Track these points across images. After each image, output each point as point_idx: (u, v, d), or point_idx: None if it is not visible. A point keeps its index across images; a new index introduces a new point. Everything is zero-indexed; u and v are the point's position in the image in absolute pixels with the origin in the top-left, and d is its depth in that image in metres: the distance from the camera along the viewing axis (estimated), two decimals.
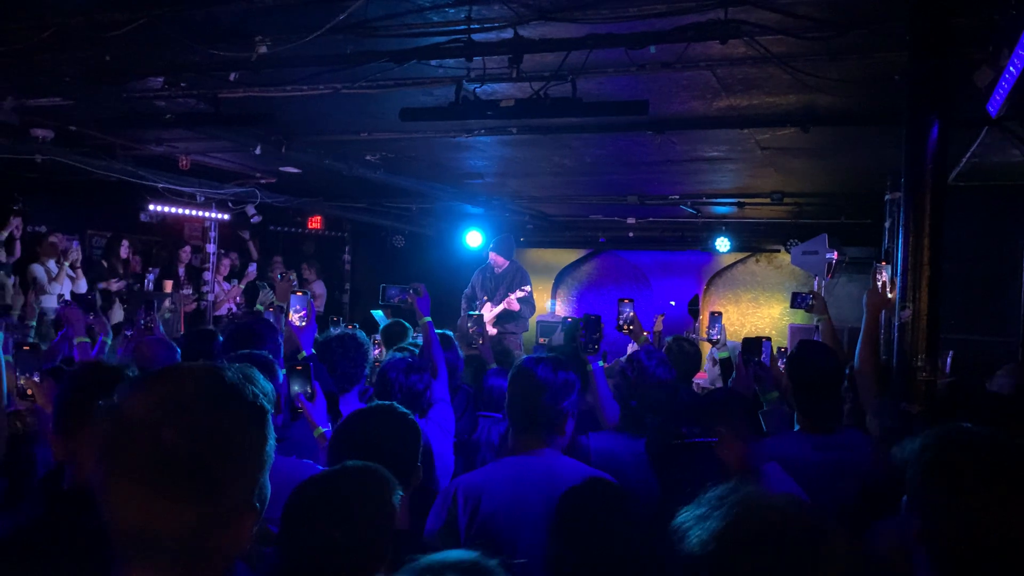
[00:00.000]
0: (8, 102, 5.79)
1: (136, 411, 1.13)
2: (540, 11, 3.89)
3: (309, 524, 1.74)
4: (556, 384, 2.67)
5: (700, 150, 7.07)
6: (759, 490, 1.24)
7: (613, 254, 13.50)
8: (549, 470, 2.58)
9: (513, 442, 2.74)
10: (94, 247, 10.76)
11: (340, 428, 2.31)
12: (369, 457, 2.04)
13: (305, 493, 1.81)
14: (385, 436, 2.25)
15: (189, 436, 1.12)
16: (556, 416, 2.68)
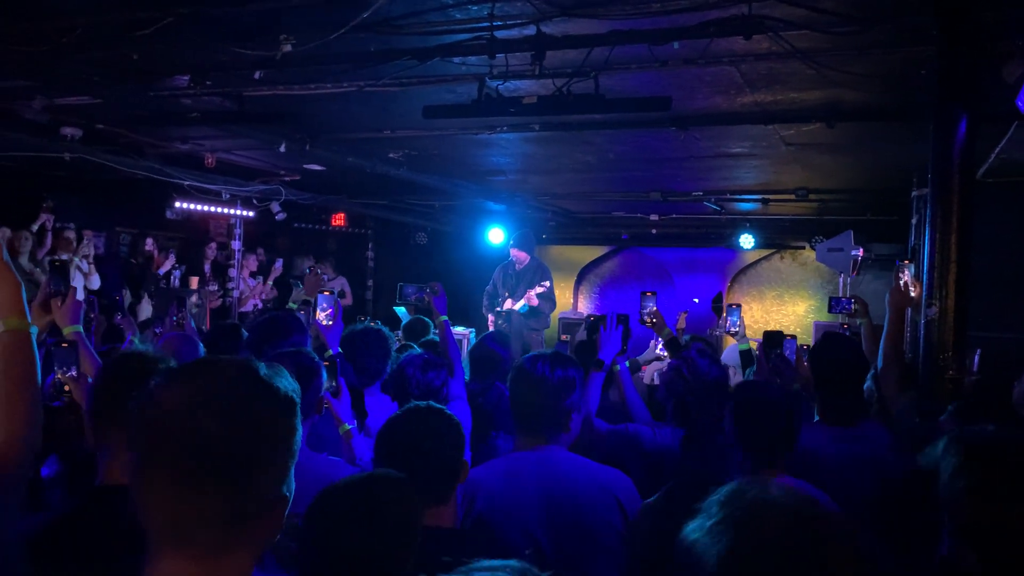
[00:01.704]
0: (38, 101, 5.88)
1: (170, 402, 1.16)
2: (563, 8, 3.89)
3: (329, 530, 1.75)
4: (555, 382, 2.64)
5: (724, 146, 7.03)
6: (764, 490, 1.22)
7: (636, 251, 13.45)
8: (547, 466, 2.57)
9: (516, 440, 2.74)
10: (122, 244, 10.90)
11: (385, 430, 2.31)
12: (417, 457, 2.06)
13: (328, 499, 1.82)
14: (431, 436, 2.24)
15: (222, 426, 1.14)
16: (557, 414, 2.66)
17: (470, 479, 2.56)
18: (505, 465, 2.63)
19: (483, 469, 2.65)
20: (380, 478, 1.90)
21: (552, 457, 2.61)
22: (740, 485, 1.24)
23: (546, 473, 2.55)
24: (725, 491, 1.23)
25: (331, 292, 3.84)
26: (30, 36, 4.44)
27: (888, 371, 3.21)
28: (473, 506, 2.50)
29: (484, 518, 2.49)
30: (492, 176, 9.26)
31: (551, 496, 2.51)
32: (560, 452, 2.65)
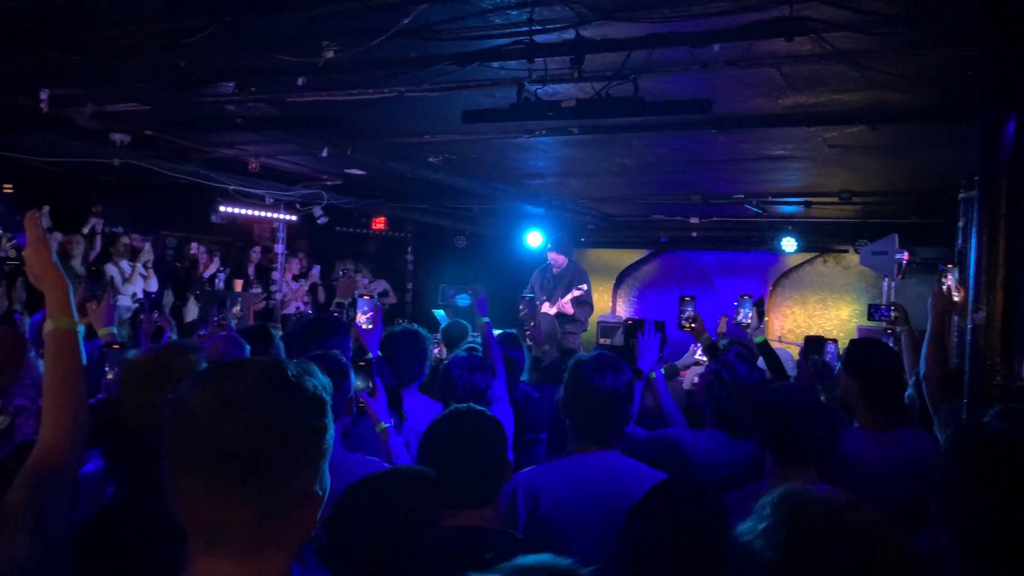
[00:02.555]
0: (88, 108, 6.04)
1: (199, 403, 1.18)
2: (602, 11, 3.89)
3: (349, 524, 1.77)
4: (622, 390, 2.69)
5: (765, 148, 6.96)
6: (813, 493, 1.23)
7: (675, 254, 13.36)
8: (608, 471, 2.58)
9: (572, 443, 2.74)
10: (167, 247, 11.13)
11: (428, 432, 2.34)
12: (460, 458, 2.08)
13: (350, 494, 1.85)
14: (473, 437, 2.26)
15: (251, 427, 1.15)
16: (619, 420, 2.69)
17: (531, 480, 2.58)
18: (569, 468, 2.63)
19: (542, 472, 2.65)
20: (400, 473, 1.92)
21: (612, 462, 2.63)
22: (789, 488, 1.25)
23: (608, 477, 2.57)
24: (776, 494, 1.24)
25: (371, 296, 3.89)
26: (82, 46, 4.56)
27: (930, 376, 3.16)
28: (537, 507, 2.51)
29: (549, 520, 2.50)
30: (530, 180, 9.28)
31: (614, 500, 2.51)
32: (618, 457, 2.68)
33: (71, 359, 1.84)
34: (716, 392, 3.33)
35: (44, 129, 6.44)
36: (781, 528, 1.17)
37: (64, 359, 1.83)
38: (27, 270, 1.91)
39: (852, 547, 1.14)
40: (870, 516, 1.18)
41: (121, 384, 2.05)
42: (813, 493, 1.22)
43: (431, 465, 2.15)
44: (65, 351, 1.84)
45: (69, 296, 1.88)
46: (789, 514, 1.18)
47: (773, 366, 4.10)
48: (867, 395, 3.18)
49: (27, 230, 1.90)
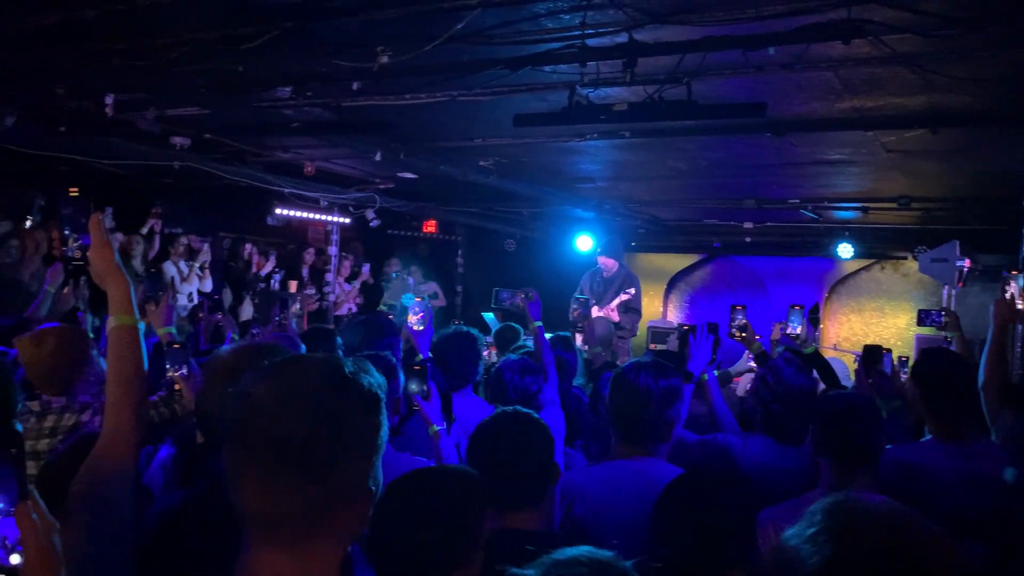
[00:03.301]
0: (150, 112, 6.21)
1: (259, 397, 1.21)
2: (655, 15, 3.87)
3: (391, 521, 1.78)
4: (659, 393, 2.65)
5: (821, 153, 6.84)
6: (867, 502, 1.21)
7: (728, 259, 13.20)
8: (646, 475, 2.56)
9: (615, 448, 2.73)
10: (224, 249, 11.38)
11: (476, 435, 2.35)
12: (508, 460, 2.10)
13: (392, 491, 1.87)
14: (521, 439, 2.27)
15: (308, 421, 1.18)
16: (660, 425, 2.66)
17: (567, 483, 2.58)
18: (604, 473, 2.63)
19: (580, 474, 2.66)
20: (445, 472, 1.93)
21: (651, 468, 2.60)
22: (841, 496, 1.23)
23: (645, 484, 2.53)
24: (828, 501, 1.23)
25: (422, 297, 3.93)
26: (145, 52, 4.70)
27: (989, 387, 3.08)
28: (571, 510, 2.51)
29: (581, 524, 2.50)
30: (581, 183, 9.26)
31: (649, 508, 2.50)
32: (659, 463, 2.65)
33: (132, 355, 1.90)
34: (763, 397, 3.29)
35: (108, 133, 6.65)
36: (830, 535, 1.15)
37: (125, 355, 1.90)
38: (91, 270, 1.97)
39: (900, 558, 1.12)
40: (922, 528, 1.16)
41: (206, 379, 2.11)
42: (866, 502, 1.21)
43: (478, 466, 2.16)
44: (126, 347, 1.90)
45: (131, 295, 1.95)
46: (839, 521, 1.16)
47: (827, 377, 4.03)
48: (928, 403, 3.12)
49: (91, 231, 1.96)
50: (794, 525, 1.22)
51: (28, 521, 1.19)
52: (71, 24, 4.21)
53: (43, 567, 1.20)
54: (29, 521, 1.19)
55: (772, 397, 3.24)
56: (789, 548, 1.18)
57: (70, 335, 3.13)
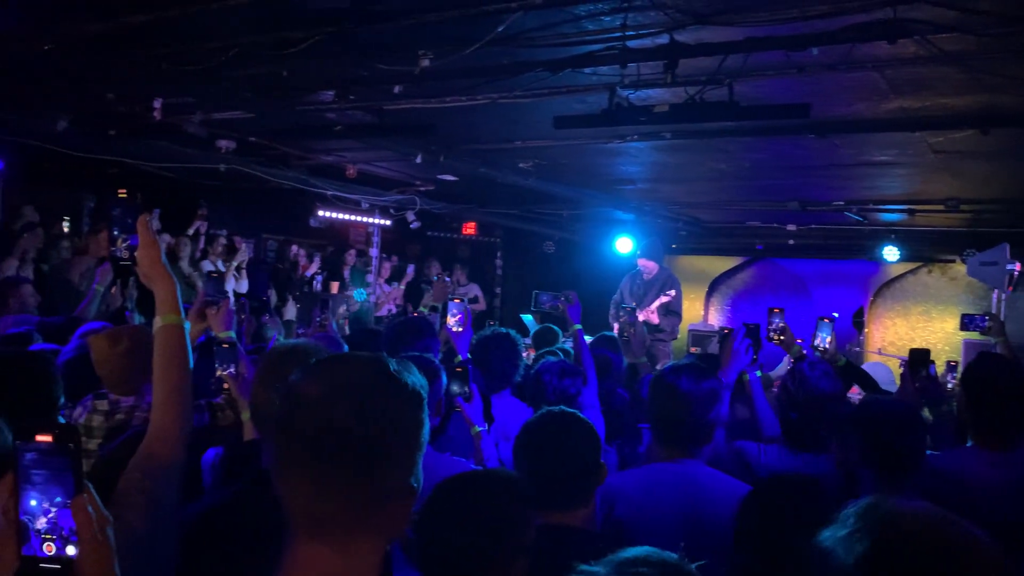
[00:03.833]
0: (197, 116, 6.33)
1: (307, 393, 1.24)
2: (696, 16, 3.85)
3: (437, 523, 1.79)
4: (700, 395, 2.62)
5: (867, 154, 6.74)
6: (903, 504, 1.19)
7: (771, 262, 13.04)
8: (688, 480, 2.54)
9: (656, 451, 2.72)
10: (268, 250, 11.55)
11: (522, 435, 2.35)
12: (554, 460, 2.10)
13: (438, 493, 1.88)
14: (567, 438, 2.27)
15: (355, 417, 1.20)
16: (701, 428, 2.64)
17: (609, 486, 2.55)
18: (645, 476, 2.61)
19: (621, 477, 2.65)
20: (488, 475, 1.94)
21: (692, 471, 2.58)
22: (877, 499, 1.21)
23: (686, 487, 2.53)
24: (863, 504, 1.21)
25: (461, 299, 3.95)
26: (192, 57, 4.79)
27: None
28: (612, 512, 2.50)
29: (624, 526, 2.49)
30: (621, 185, 9.23)
31: (690, 511, 2.49)
32: (700, 467, 2.63)
33: (179, 353, 1.95)
34: (782, 403, 3.26)
35: (156, 136, 6.79)
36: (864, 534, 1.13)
37: (172, 354, 1.94)
38: (138, 270, 2.02)
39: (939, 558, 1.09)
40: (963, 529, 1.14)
41: (256, 379, 2.15)
42: (903, 505, 1.18)
43: (525, 466, 2.17)
44: (173, 346, 1.94)
45: (177, 294, 1.99)
46: (874, 520, 1.15)
47: (866, 386, 3.97)
48: (974, 409, 3.05)
49: (139, 232, 2.00)
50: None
51: (84, 514, 1.22)
52: (122, 30, 4.31)
53: (97, 558, 1.23)
54: (85, 514, 1.22)
55: (791, 404, 3.21)
56: (822, 549, 1.17)
57: (144, 335, 3.17)
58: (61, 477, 1.22)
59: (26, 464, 1.21)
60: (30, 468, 1.21)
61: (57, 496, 1.22)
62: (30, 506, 1.21)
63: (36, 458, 1.21)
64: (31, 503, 1.21)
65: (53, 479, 1.21)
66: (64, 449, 1.21)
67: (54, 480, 1.21)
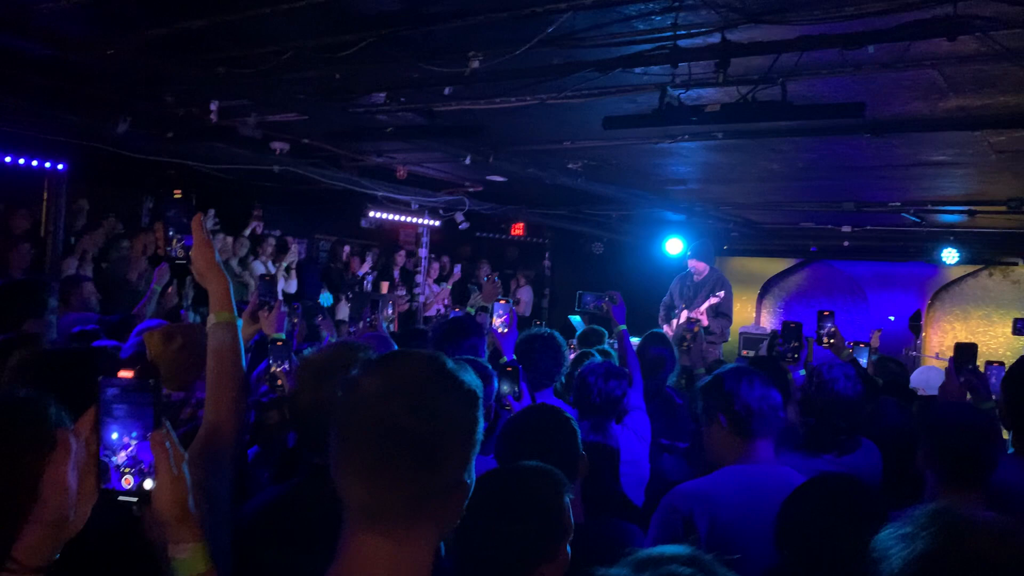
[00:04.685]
0: (252, 118, 6.45)
1: (367, 388, 1.27)
2: (749, 14, 3.80)
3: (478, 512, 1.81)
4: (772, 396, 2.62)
5: (924, 154, 6.58)
6: (969, 512, 1.16)
7: (825, 264, 12.81)
8: (781, 480, 2.51)
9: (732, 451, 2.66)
10: (320, 251, 11.72)
11: (505, 427, 2.44)
12: (535, 451, 2.12)
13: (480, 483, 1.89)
14: (545, 432, 2.36)
15: (413, 412, 1.23)
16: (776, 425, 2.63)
17: (703, 493, 2.52)
18: (742, 481, 2.56)
19: (714, 483, 2.59)
20: (529, 468, 1.95)
21: (787, 474, 2.56)
22: (942, 505, 1.19)
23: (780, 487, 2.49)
24: (927, 510, 1.19)
25: (507, 300, 3.96)
26: (249, 60, 4.89)
27: None
28: (716, 521, 2.45)
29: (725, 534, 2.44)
30: (671, 186, 9.16)
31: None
32: (787, 468, 2.63)
33: (232, 351, 1.99)
34: (802, 408, 3.22)
35: (212, 138, 6.94)
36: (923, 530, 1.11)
37: (225, 351, 1.98)
38: (193, 269, 2.06)
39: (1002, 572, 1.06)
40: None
41: (298, 379, 2.20)
42: (970, 514, 1.16)
43: (504, 459, 2.19)
44: (226, 343, 1.99)
45: (230, 292, 2.03)
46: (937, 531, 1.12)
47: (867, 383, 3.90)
48: (1015, 415, 2.96)
49: (193, 232, 2.05)
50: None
51: (162, 448, 1.28)
52: (180, 35, 4.42)
53: (173, 492, 1.29)
54: (163, 448, 1.28)
55: (808, 409, 3.16)
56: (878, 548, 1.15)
57: (197, 333, 3.25)
58: (141, 412, 1.27)
59: (108, 399, 1.27)
60: (112, 403, 1.27)
61: (136, 431, 1.27)
62: (111, 439, 1.28)
63: (117, 393, 1.27)
64: (112, 436, 1.27)
65: (133, 414, 1.27)
66: (144, 385, 1.27)
67: (134, 415, 1.27)
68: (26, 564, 1.24)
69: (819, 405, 3.17)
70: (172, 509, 1.30)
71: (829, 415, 3.14)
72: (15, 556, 1.24)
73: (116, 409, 1.28)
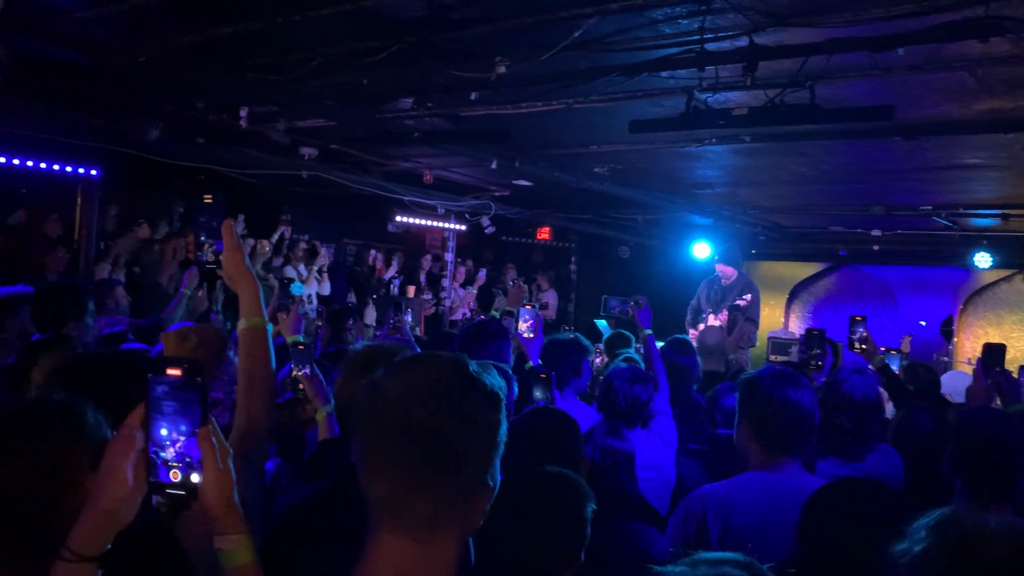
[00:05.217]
0: (281, 124, 6.52)
1: (390, 390, 1.28)
2: (776, 17, 3.78)
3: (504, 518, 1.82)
4: (808, 407, 2.55)
5: (956, 156, 6.50)
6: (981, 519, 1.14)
7: (855, 268, 12.67)
8: (799, 487, 2.47)
9: (757, 458, 2.63)
10: (348, 254, 11.80)
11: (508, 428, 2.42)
12: (536, 452, 2.13)
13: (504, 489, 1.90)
14: (547, 433, 2.38)
15: (437, 413, 1.25)
16: (805, 432, 2.57)
17: (720, 497, 2.51)
18: (760, 487, 2.52)
19: (728, 487, 2.57)
20: (550, 473, 1.95)
21: (804, 482, 2.50)
22: (954, 512, 1.17)
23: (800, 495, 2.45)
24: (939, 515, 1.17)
25: (533, 305, 3.96)
26: (277, 67, 4.95)
27: None
28: (729, 525, 2.44)
29: (739, 539, 2.42)
30: (698, 189, 9.12)
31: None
32: (805, 474, 2.58)
33: (262, 354, 2.01)
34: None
35: (242, 143, 7.02)
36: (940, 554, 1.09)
37: (256, 354, 2.00)
38: (223, 273, 2.09)
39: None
40: None
41: (339, 377, 2.22)
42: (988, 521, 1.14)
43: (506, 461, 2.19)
44: (257, 347, 2.01)
45: (260, 297, 2.05)
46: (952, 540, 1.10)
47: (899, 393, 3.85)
48: None
49: (223, 237, 2.07)
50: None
51: (208, 444, 1.33)
52: (211, 42, 4.48)
53: (219, 486, 1.35)
54: (209, 444, 1.34)
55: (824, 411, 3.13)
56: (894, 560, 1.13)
57: (211, 333, 3.29)
58: (188, 409, 1.33)
59: (157, 396, 1.32)
60: (160, 400, 1.32)
61: (184, 426, 1.33)
62: (159, 435, 1.33)
63: (166, 390, 1.32)
64: (160, 432, 1.33)
65: (181, 411, 1.32)
66: (192, 382, 1.32)
67: (181, 412, 1.33)
68: (80, 553, 1.29)
69: (836, 410, 3.12)
70: (218, 502, 1.36)
71: (836, 415, 3.09)
72: (69, 546, 1.30)
73: (165, 406, 1.33)
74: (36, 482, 1.46)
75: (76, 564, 1.29)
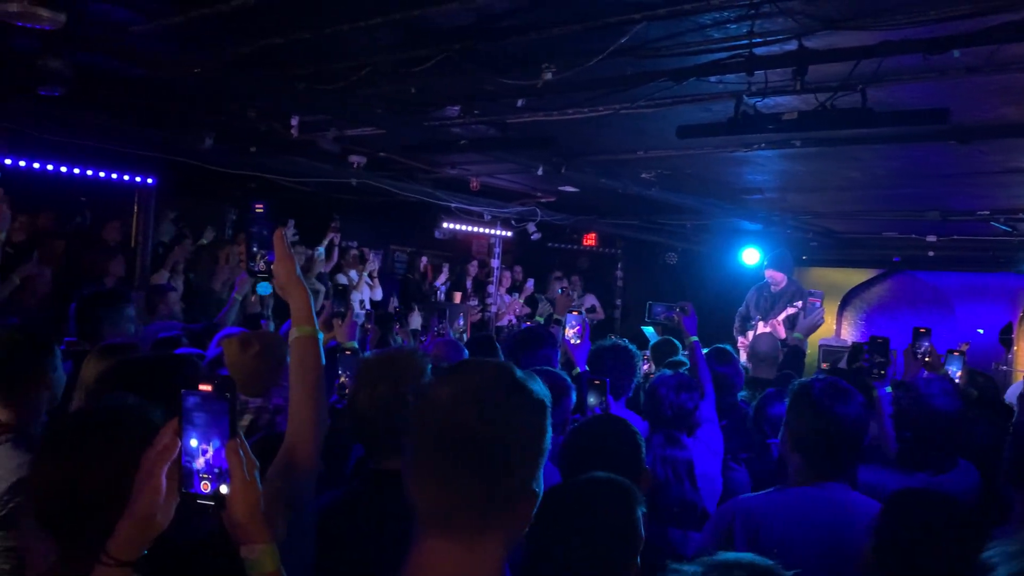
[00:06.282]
0: (331, 133, 6.62)
1: (438, 396, 1.30)
2: (827, 21, 3.73)
3: (550, 525, 1.79)
4: (851, 416, 2.46)
5: (1015, 160, 6.32)
6: None
7: (909, 275, 12.40)
8: (836, 506, 2.41)
9: (799, 472, 2.54)
10: (396, 261, 11.91)
11: (568, 438, 2.43)
12: (597, 463, 2.11)
13: (555, 494, 1.89)
14: (609, 443, 2.35)
15: (483, 419, 1.26)
16: (851, 450, 2.49)
17: (752, 509, 2.47)
18: (794, 503, 2.46)
19: (765, 501, 2.52)
20: (604, 481, 1.94)
21: (841, 497, 2.44)
22: None
23: (834, 514, 2.39)
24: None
25: (580, 312, 3.95)
26: (327, 76, 5.02)
27: None
28: (757, 539, 2.39)
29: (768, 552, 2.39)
30: (747, 195, 9.01)
31: (837, 539, 2.34)
32: (847, 491, 2.48)
33: (314, 363, 2.03)
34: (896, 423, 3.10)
35: (293, 152, 7.14)
36: None
37: (307, 363, 2.02)
38: (274, 283, 2.11)
39: None
40: None
41: (357, 379, 2.25)
42: None
43: (567, 470, 2.18)
44: (308, 356, 2.03)
45: (311, 306, 2.07)
46: None
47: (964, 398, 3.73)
48: None
49: (275, 246, 2.09)
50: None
51: (236, 456, 1.38)
52: (262, 53, 4.57)
53: (246, 496, 1.39)
54: (237, 456, 1.38)
55: (904, 423, 3.03)
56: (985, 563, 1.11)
57: (273, 341, 3.34)
58: (218, 422, 1.39)
59: (189, 408, 1.39)
60: (192, 412, 1.39)
61: (214, 439, 1.39)
62: (190, 446, 1.39)
63: (198, 403, 1.38)
64: (191, 443, 1.39)
65: (211, 424, 1.39)
66: (222, 397, 1.38)
67: (212, 424, 1.39)
68: (118, 558, 1.34)
69: (916, 420, 3.02)
70: (245, 512, 1.40)
71: (926, 431, 3.00)
72: (108, 550, 1.35)
73: (196, 418, 1.39)
74: (111, 482, 1.51)
75: (114, 568, 1.34)
